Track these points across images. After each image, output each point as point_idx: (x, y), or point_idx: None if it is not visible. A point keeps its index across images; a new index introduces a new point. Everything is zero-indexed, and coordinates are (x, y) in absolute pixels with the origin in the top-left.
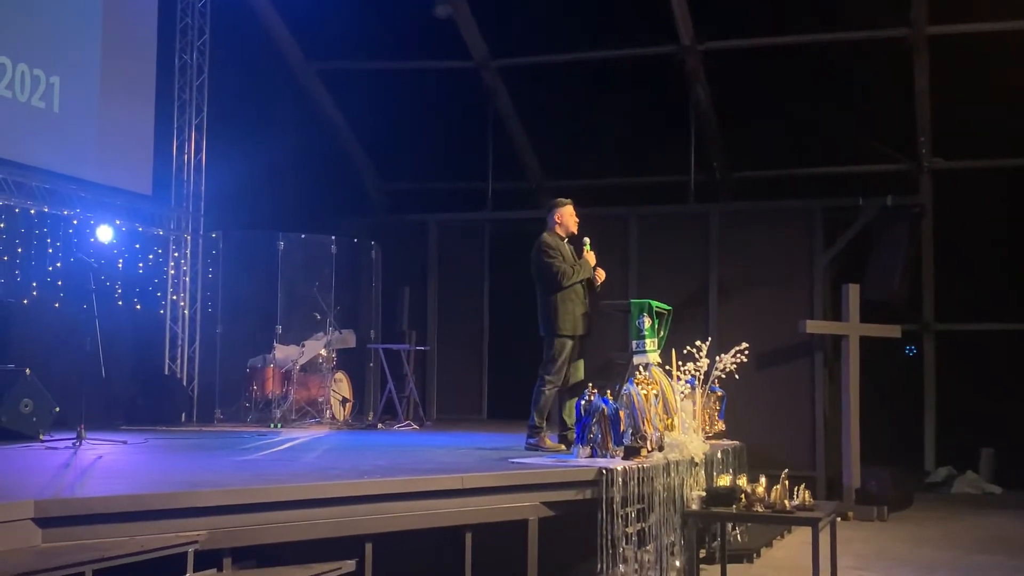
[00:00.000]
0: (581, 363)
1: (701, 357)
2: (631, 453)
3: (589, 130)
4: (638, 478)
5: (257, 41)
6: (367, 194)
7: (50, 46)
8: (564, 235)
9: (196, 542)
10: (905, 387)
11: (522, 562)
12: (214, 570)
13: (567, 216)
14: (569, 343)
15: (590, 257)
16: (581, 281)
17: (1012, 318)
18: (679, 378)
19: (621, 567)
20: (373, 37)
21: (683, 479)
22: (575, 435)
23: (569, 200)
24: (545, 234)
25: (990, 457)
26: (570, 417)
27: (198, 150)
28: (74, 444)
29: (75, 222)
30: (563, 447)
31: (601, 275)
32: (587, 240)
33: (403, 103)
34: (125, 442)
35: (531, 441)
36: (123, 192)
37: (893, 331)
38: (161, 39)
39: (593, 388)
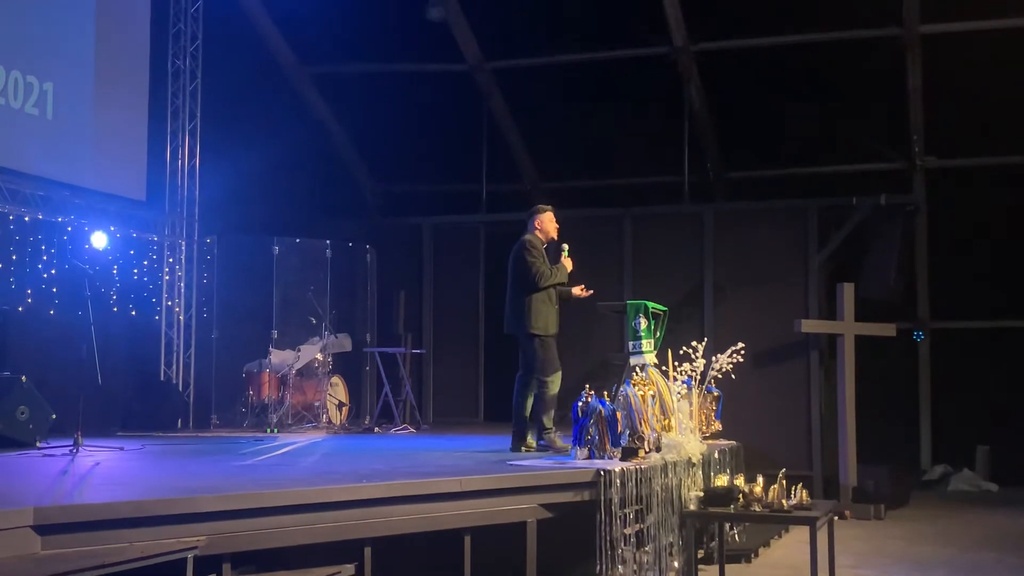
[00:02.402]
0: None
1: (697, 357)
2: (629, 454)
3: (583, 131)
4: (636, 479)
5: (250, 45)
6: (362, 197)
7: (43, 53)
8: (544, 240)
9: (195, 548)
10: (901, 385)
11: (521, 564)
12: (214, 575)
13: (547, 222)
14: (550, 340)
15: (567, 263)
16: (555, 285)
17: (1006, 315)
18: (676, 379)
19: (620, 568)
20: (366, 40)
21: (681, 479)
22: (573, 437)
23: (550, 207)
24: (528, 235)
25: (986, 454)
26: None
27: (192, 155)
28: (71, 451)
29: (69, 229)
30: (569, 446)
31: (582, 291)
32: (566, 246)
33: (397, 106)
34: (122, 448)
35: (542, 443)
36: (117, 198)
37: (888, 329)
38: (154, 45)
39: (590, 389)
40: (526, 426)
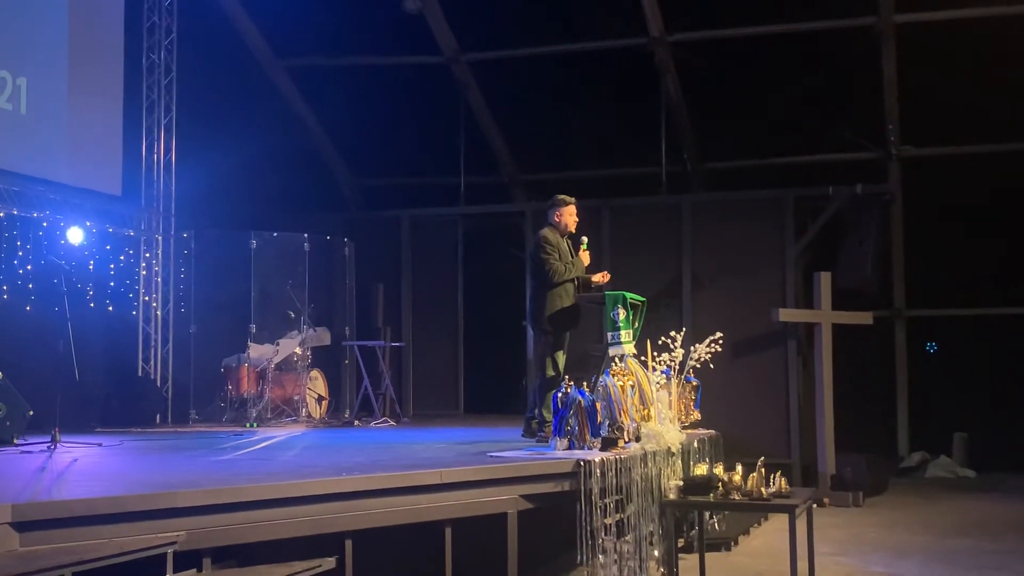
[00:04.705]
0: (561, 355)
1: (676, 347)
2: (608, 444)
3: (560, 123)
4: (616, 469)
5: (225, 39)
6: (340, 191)
7: (16, 48)
8: (562, 233)
9: (175, 543)
10: (878, 373)
11: (502, 555)
12: (194, 570)
13: (567, 215)
14: (558, 332)
15: (584, 257)
16: (573, 279)
17: (981, 303)
18: (655, 369)
19: (600, 558)
20: (342, 33)
21: (660, 469)
22: (552, 428)
23: (573, 200)
24: (545, 229)
25: (963, 441)
26: (549, 413)
27: (167, 150)
28: (49, 447)
29: (45, 224)
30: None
31: (603, 277)
32: (585, 239)
33: (374, 99)
34: (100, 444)
35: (541, 434)
36: (93, 193)
37: (865, 318)
38: (128, 39)
39: (570, 380)
40: (532, 413)
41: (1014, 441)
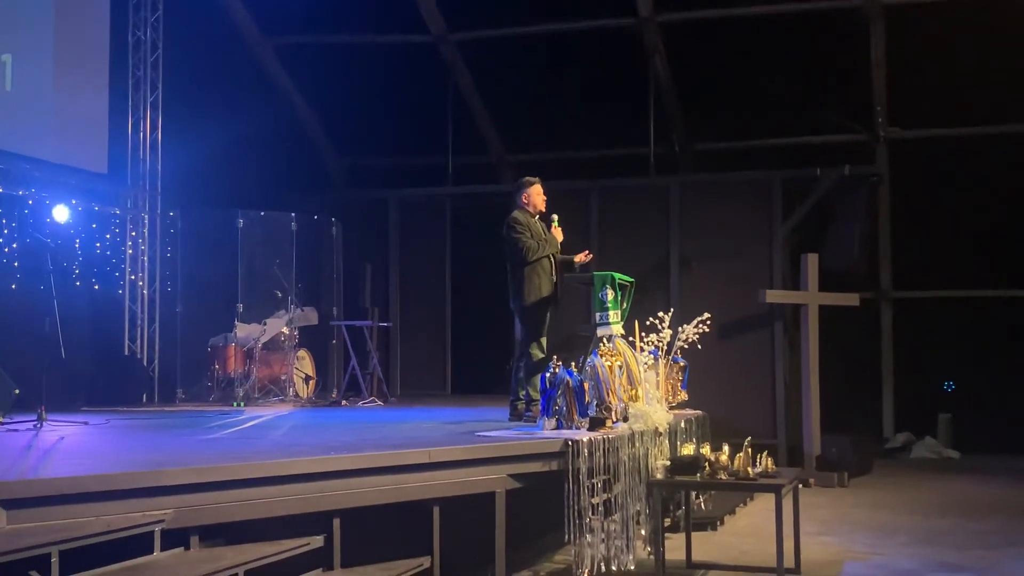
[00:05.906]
0: (544, 340)
1: (664, 328)
2: (596, 424)
3: (549, 103)
4: (603, 449)
5: (212, 16)
6: (327, 170)
7: (1, 24)
8: (533, 212)
9: (163, 521)
10: (864, 355)
11: (490, 534)
12: (181, 548)
13: (534, 195)
14: (538, 310)
15: (557, 233)
16: (549, 256)
17: (968, 285)
18: (642, 349)
19: (588, 537)
20: (330, 11)
21: (647, 449)
22: (540, 408)
23: (536, 179)
24: (515, 211)
25: (947, 422)
26: (536, 392)
27: (154, 128)
28: (35, 426)
29: (30, 202)
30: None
31: (584, 256)
32: (555, 217)
33: (361, 78)
34: (86, 423)
35: (528, 414)
36: (79, 171)
37: (851, 299)
38: (113, 15)
39: (558, 360)
40: (517, 396)
41: (998, 422)
